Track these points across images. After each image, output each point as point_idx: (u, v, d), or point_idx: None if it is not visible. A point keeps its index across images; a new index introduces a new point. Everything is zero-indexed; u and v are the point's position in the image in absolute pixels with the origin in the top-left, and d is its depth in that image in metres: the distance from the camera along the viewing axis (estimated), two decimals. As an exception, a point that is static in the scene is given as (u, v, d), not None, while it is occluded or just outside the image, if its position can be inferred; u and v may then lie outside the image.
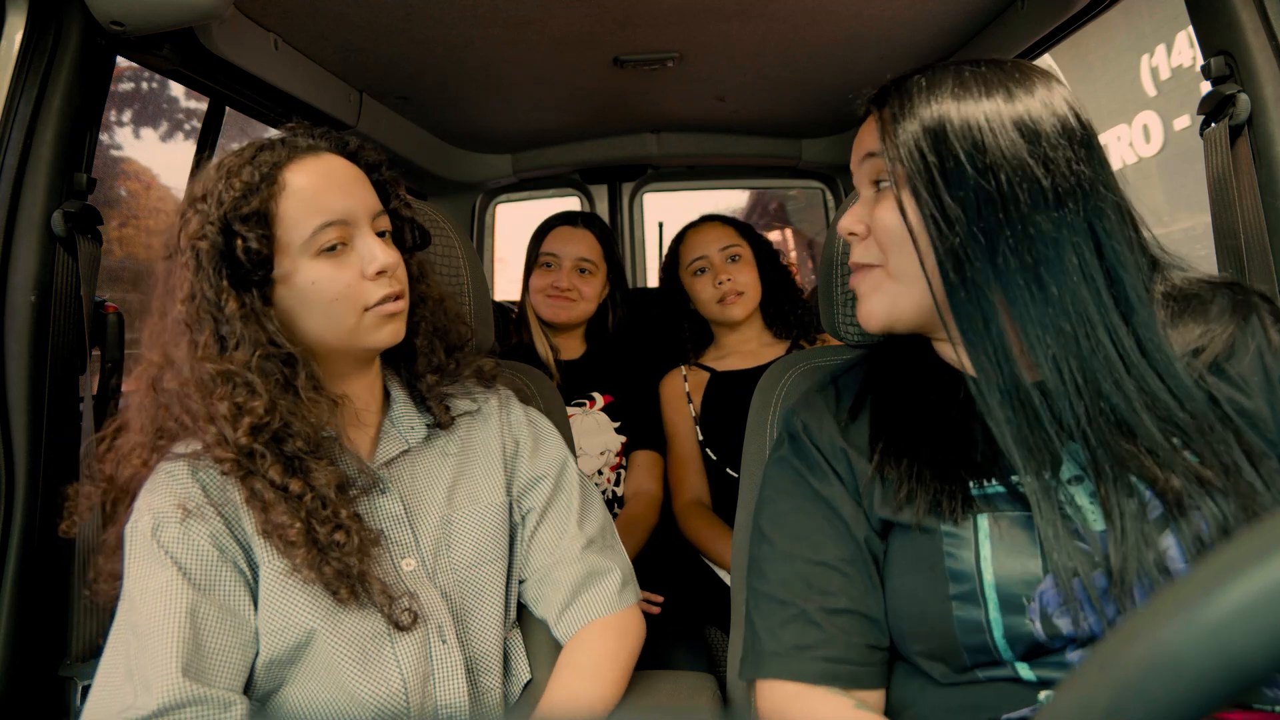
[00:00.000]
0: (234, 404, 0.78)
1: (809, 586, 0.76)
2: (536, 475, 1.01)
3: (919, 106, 0.74)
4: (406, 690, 0.83)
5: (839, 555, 0.77)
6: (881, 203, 0.77)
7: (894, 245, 0.76)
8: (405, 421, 0.95)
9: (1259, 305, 0.74)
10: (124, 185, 3.43)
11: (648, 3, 1.33)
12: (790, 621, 0.76)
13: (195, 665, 0.74)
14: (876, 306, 0.79)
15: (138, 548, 0.78)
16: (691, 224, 1.90)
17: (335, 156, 0.88)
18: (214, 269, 0.79)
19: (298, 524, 0.78)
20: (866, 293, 0.80)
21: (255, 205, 0.80)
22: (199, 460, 0.82)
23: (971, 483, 0.73)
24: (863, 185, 0.81)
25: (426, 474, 0.94)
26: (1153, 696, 0.24)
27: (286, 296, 0.83)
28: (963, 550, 0.70)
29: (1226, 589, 0.25)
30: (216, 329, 0.80)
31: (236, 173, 0.81)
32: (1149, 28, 2.83)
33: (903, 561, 0.75)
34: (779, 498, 0.83)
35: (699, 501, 1.72)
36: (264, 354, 0.80)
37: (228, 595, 0.79)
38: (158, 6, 1.01)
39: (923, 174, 0.72)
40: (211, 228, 0.80)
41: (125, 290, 2.84)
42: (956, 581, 0.70)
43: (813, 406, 0.86)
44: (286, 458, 0.81)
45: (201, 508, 0.80)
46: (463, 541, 0.92)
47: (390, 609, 0.82)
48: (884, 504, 0.76)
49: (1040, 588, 0.67)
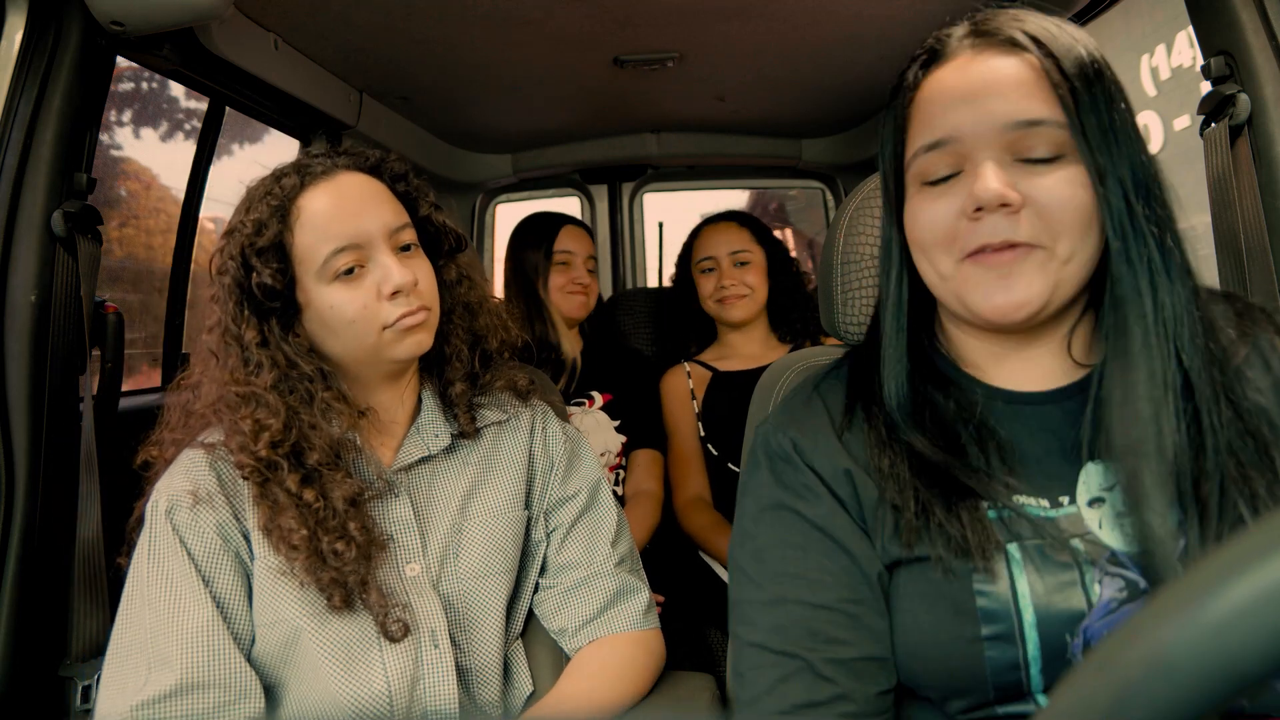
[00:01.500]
0: (255, 421, 0.83)
1: (812, 635, 0.65)
2: (569, 494, 1.00)
3: (1073, 48, 0.62)
4: (390, 694, 0.83)
5: (843, 596, 0.66)
6: (1053, 174, 0.62)
7: (1075, 225, 0.61)
8: (431, 429, 0.95)
9: (1259, 315, 0.71)
10: (124, 185, 3.43)
11: (648, 3, 1.33)
12: (794, 676, 0.65)
13: (212, 647, 0.78)
14: (1038, 292, 0.63)
15: (155, 526, 0.82)
16: (709, 219, 1.91)
17: (352, 175, 0.89)
18: (235, 301, 0.84)
19: (304, 530, 0.81)
20: (1024, 275, 0.63)
21: (268, 239, 0.83)
22: (217, 450, 0.86)
23: (987, 505, 0.64)
24: (994, 152, 0.63)
25: (444, 482, 0.94)
26: (1152, 697, 0.24)
27: (311, 320, 0.87)
28: (995, 587, 0.61)
29: (1227, 589, 0.25)
30: (241, 354, 0.85)
31: (255, 207, 0.85)
32: (1149, 28, 2.83)
33: (919, 598, 0.65)
34: (762, 534, 0.71)
35: (700, 498, 1.72)
36: (284, 375, 0.84)
37: (226, 584, 0.82)
38: (158, 6, 1.01)
39: (1116, 137, 0.61)
40: (233, 262, 0.84)
41: (125, 290, 2.84)
42: (990, 622, 0.61)
43: (802, 421, 0.74)
44: (306, 469, 0.84)
45: (213, 496, 0.83)
46: (470, 551, 0.92)
47: (384, 619, 0.83)
48: (893, 537, 0.66)
49: (1085, 623, 0.60)
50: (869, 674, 0.65)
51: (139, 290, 2.81)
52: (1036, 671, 0.61)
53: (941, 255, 0.66)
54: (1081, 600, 0.60)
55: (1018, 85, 0.62)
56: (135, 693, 0.76)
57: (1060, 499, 0.65)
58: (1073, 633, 0.60)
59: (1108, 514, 0.63)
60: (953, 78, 0.65)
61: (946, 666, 0.63)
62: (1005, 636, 0.61)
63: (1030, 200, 0.62)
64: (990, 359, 0.72)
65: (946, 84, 0.65)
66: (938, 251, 0.66)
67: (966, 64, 0.65)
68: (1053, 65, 0.61)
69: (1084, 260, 0.63)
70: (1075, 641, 0.60)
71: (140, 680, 0.76)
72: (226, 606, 0.81)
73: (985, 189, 0.61)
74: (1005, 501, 0.64)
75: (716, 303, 1.80)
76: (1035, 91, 0.62)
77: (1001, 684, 0.62)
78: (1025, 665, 0.61)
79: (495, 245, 2.81)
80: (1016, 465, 0.66)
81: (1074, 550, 0.62)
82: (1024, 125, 0.62)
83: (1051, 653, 0.60)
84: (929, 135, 0.65)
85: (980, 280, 0.64)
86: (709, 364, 1.84)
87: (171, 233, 1.68)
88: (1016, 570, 0.62)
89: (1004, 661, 0.61)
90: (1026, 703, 0.63)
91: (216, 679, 0.77)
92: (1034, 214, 0.62)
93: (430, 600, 0.88)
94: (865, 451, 0.70)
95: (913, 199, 0.69)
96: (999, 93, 0.62)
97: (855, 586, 0.67)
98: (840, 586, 0.67)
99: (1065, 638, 0.60)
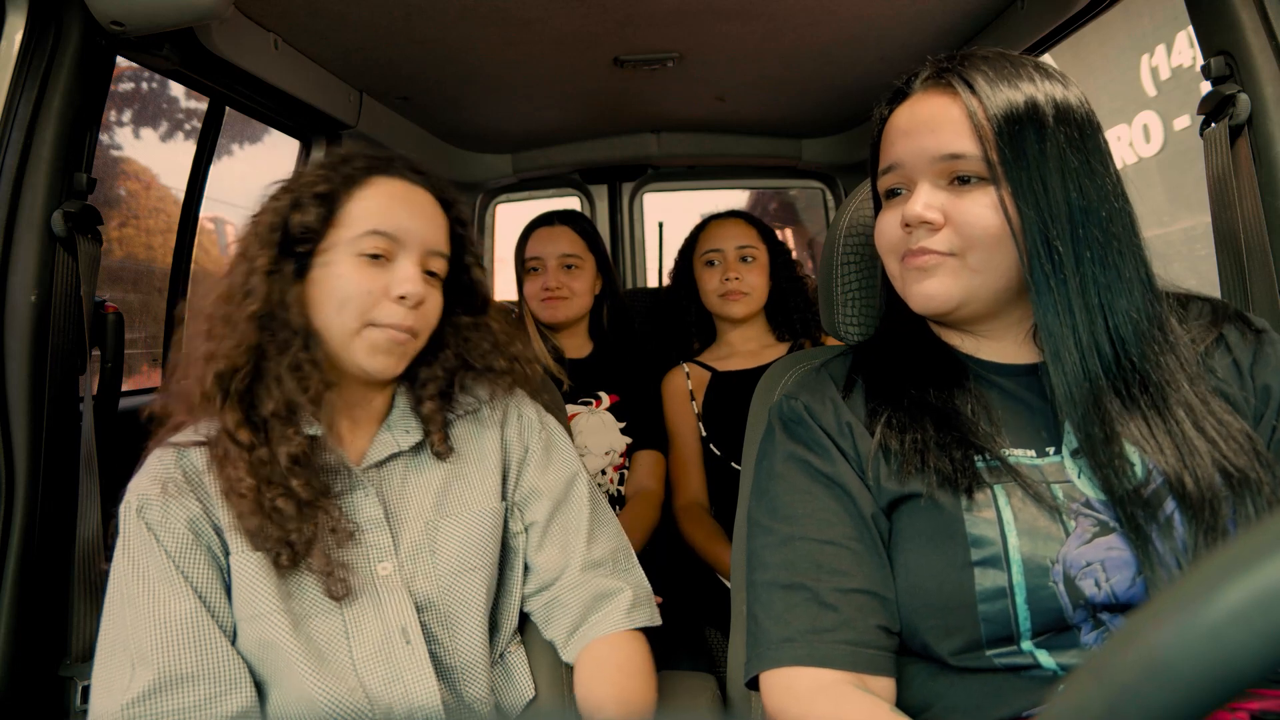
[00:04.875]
0: (212, 348, 0.84)
1: (818, 566, 0.74)
2: (542, 487, 0.99)
3: (1003, 92, 0.73)
4: (367, 691, 0.83)
5: (847, 533, 0.75)
6: (968, 197, 0.74)
7: (986, 242, 0.73)
8: (401, 425, 0.95)
9: (1230, 313, 0.79)
10: (124, 185, 3.43)
11: (648, 3, 1.33)
12: (801, 605, 0.73)
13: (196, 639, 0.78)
14: (948, 292, 0.75)
15: (128, 526, 0.82)
16: (715, 215, 1.90)
17: (428, 194, 0.94)
18: (269, 230, 0.86)
19: (251, 479, 0.81)
20: (937, 277, 0.76)
21: (330, 188, 0.87)
22: (184, 448, 0.86)
23: (976, 457, 0.74)
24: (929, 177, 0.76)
25: (416, 479, 0.94)
26: (1148, 701, 0.24)
27: (317, 279, 0.88)
28: (983, 516, 0.70)
29: (1222, 593, 0.25)
30: (245, 278, 0.85)
31: (332, 165, 0.89)
32: (1149, 28, 2.83)
33: (915, 534, 0.73)
34: (775, 485, 0.81)
35: (698, 504, 1.72)
36: (270, 313, 0.85)
37: (202, 578, 0.82)
38: (158, 6, 1.01)
39: (1033, 168, 0.71)
40: (284, 200, 0.88)
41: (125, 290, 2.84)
42: (979, 547, 0.69)
43: (811, 390, 0.85)
44: (255, 419, 0.84)
45: (182, 492, 0.84)
46: (447, 547, 0.92)
47: (328, 580, 0.83)
48: (890, 477, 0.75)
49: (1062, 550, 0.68)
50: (870, 607, 0.73)
51: (139, 290, 2.81)
52: (1023, 601, 0.68)
53: (891, 256, 0.81)
54: (1059, 529, 0.69)
55: (949, 123, 0.75)
56: (123, 691, 0.76)
57: (1047, 449, 0.75)
58: (1053, 559, 0.69)
59: (1085, 464, 0.72)
60: (904, 115, 0.79)
61: (941, 597, 0.71)
62: (993, 561, 0.69)
63: (950, 218, 0.75)
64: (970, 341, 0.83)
65: (900, 120, 0.79)
66: (889, 254, 0.81)
67: (916, 103, 0.78)
68: (978, 106, 0.73)
69: (1000, 270, 0.74)
70: (1055, 569, 0.68)
71: (126, 679, 0.76)
72: (205, 599, 0.81)
73: (910, 210, 0.75)
74: (993, 451, 0.74)
75: (719, 298, 1.79)
76: (961, 129, 0.74)
77: (990, 615, 0.69)
78: (1011, 592, 0.68)
79: (495, 245, 2.82)
80: (1003, 421, 0.77)
81: (1052, 490, 0.72)
82: (949, 157, 0.74)
83: (1035, 578, 0.68)
84: (886, 160, 0.80)
85: (910, 277, 0.78)
86: (708, 364, 1.84)
87: (171, 233, 1.69)
88: (1002, 502, 0.71)
89: (992, 589, 0.69)
90: (1020, 654, 0.69)
91: (203, 671, 0.77)
92: (953, 229, 0.75)
93: (401, 598, 0.87)
94: (865, 408, 0.81)
95: (881, 211, 0.83)
96: (932, 129, 0.75)
97: (856, 526, 0.76)
98: (843, 525, 0.76)
99: (1046, 563, 0.68)
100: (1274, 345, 0.76)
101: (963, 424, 0.75)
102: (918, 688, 0.74)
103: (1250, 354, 0.76)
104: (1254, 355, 0.76)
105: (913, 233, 0.76)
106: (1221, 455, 0.68)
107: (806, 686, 0.70)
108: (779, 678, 0.72)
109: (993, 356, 0.81)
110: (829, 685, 0.70)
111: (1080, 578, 0.68)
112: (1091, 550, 0.69)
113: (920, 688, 0.74)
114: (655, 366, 1.87)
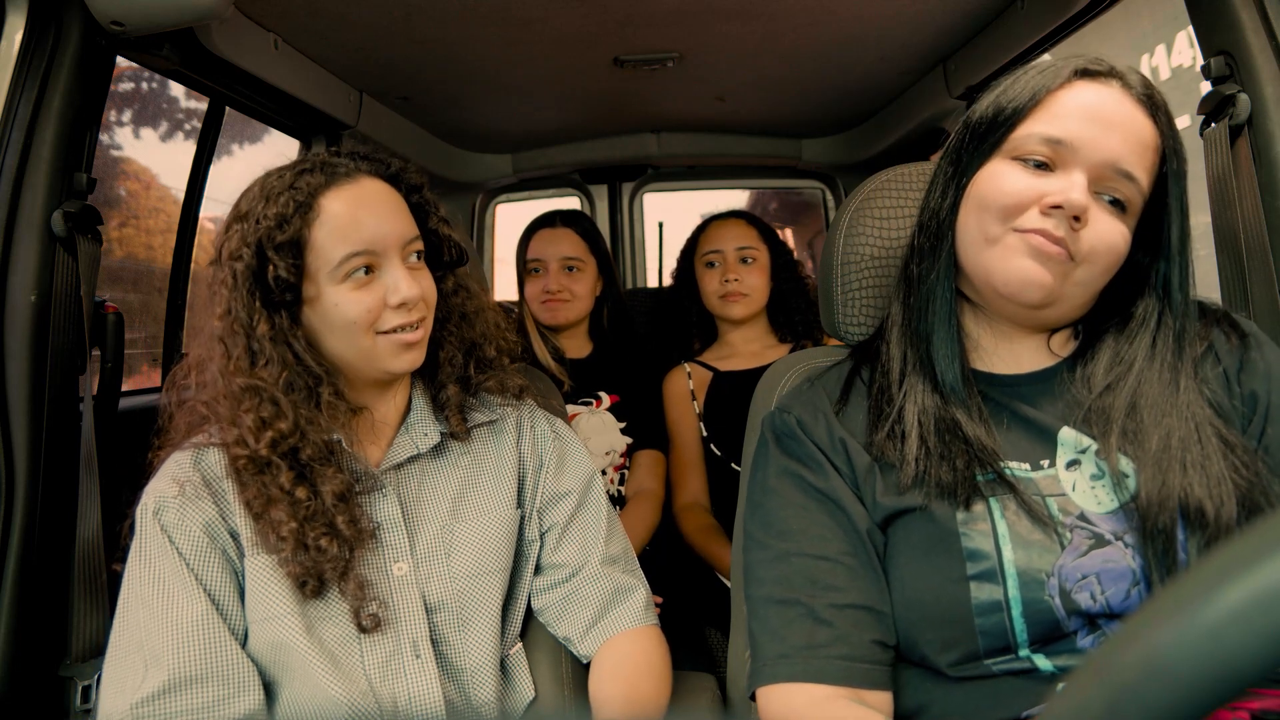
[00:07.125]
0: (259, 417, 0.82)
1: (813, 583, 0.73)
2: (561, 491, 1.00)
3: (1175, 138, 0.75)
4: (376, 694, 0.84)
5: (842, 549, 0.74)
6: (1111, 218, 0.72)
7: (1105, 265, 0.73)
8: (420, 428, 0.96)
9: (1219, 315, 0.80)
10: (124, 185, 3.43)
11: (648, 3, 1.33)
12: (796, 621, 0.72)
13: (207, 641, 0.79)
14: (1050, 286, 0.72)
15: (145, 528, 0.83)
16: (717, 215, 1.90)
17: (375, 181, 0.89)
18: (248, 290, 0.83)
19: (293, 523, 0.81)
20: (1048, 267, 0.72)
21: (289, 234, 0.83)
22: (203, 450, 0.87)
23: (976, 469, 0.73)
24: (1090, 175, 0.72)
25: (433, 482, 0.95)
26: (1148, 701, 0.24)
27: (312, 316, 0.87)
28: (978, 529, 0.70)
29: (1222, 593, 0.25)
30: (248, 345, 0.84)
31: (275, 198, 0.84)
32: (1149, 28, 2.83)
33: (911, 548, 0.73)
34: (769, 500, 0.80)
35: (698, 504, 1.72)
36: (291, 372, 0.84)
37: (216, 581, 0.82)
38: (158, 6, 1.01)
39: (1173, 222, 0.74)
40: (248, 250, 0.83)
41: (125, 290, 2.84)
42: (974, 561, 0.69)
43: (803, 403, 0.84)
44: (300, 465, 0.84)
45: (199, 495, 0.84)
46: (463, 551, 0.93)
47: (359, 609, 0.84)
48: (887, 492, 0.75)
49: (1058, 561, 0.68)
50: (865, 622, 0.72)
51: (139, 290, 2.82)
52: (1019, 613, 0.68)
53: (997, 219, 0.74)
54: (1054, 542, 0.69)
55: (1140, 144, 0.72)
56: (133, 691, 0.76)
57: (1041, 462, 0.75)
58: (1048, 572, 0.68)
59: (1082, 477, 0.72)
60: (1096, 96, 0.73)
61: (938, 610, 0.70)
62: (988, 575, 0.69)
63: (1087, 224, 0.72)
64: (977, 349, 0.82)
65: (1089, 98, 0.73)
66: (997, 214, 0.74)
67: (1112, 94, 0.72)
68: (1171, 146, 0.73)
69: (1091, 293, 0.75)
70: (1050, 582, 0.68)
71: (138, 678, 0.77)
72: (218, 603, 0.82)
73: (1075, 199, 0.70)
74: (991, 465, 0.73)
75: (720, 299, 1.79)
76: (1145, 158, 0.72)
77: (987, 628, 0.68)
78: (1007, 605, 0.68)
79: (495, 245, 2.81)
80: (998, 433, 0.77)
81: (1048, 503, 0.71)
82: (1121, 173, 0.71)
83: (1030, 591, 0.68)
84: (1051, 129, 0.73)
85: (1017, 250, 0.73)
86: (709, 364, 1.84)
87: (171, 233, 1.68)
88: (997, 515, 0.71)
89: (988, 602, 0.68)
90: (1018, 659, 0.69)
91: (213, 672, 0.78)
92: (1083, 235, 0.72)
93: (414, 603, 0.88)
94: (862, 421, 0.80)
95: (996, 165, 0.76)
96: (1124, 137, 0.71)
97: (851, 541, 0.75)
98: (838, 540, 0.75)
99: (1042, 576, 0.68)
100: (1260, 350, 0.76)
101: (965, 435, 0.75)
102: (915, 691, 0.74)
103: (1237, 360, 0.76)
104: (1240, 361, 0.76)
105: (1051, 216, 0.71)
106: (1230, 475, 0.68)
107: (803, 702, 0.70)
108: (775, 694, 0.72)
109: (991, 367, 0.81)
110: (825, 701, 0.69)
111: (1076, 590, 0.68)
112: (1088, 563, 0.69)
113: (917, 691, 0.74)
114: (655, 367, 1.87)
